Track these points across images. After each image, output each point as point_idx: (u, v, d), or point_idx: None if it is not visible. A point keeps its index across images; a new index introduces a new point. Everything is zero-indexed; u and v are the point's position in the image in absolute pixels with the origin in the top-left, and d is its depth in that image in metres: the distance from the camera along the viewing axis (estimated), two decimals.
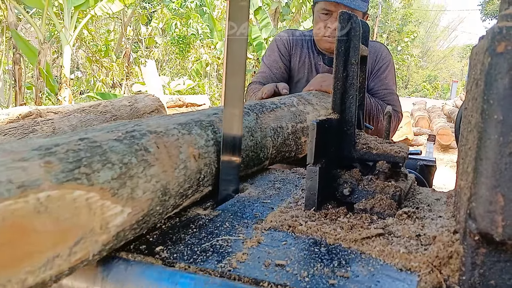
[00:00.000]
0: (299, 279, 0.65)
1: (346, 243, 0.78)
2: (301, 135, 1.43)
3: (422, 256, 0.72)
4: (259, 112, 1.28)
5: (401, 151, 0.98)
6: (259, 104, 1.34)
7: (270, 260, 0.70)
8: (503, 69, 0.59)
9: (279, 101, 1.45)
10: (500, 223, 0.61)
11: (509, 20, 0.60)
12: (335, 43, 0.98)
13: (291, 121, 1.39)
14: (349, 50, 0.98)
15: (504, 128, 0.60)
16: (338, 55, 0.98)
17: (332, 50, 2.07)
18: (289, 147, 1.36)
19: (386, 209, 0.90)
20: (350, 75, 0.98)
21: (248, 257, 0.71)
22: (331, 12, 2.09)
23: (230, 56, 0.98)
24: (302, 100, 1.58)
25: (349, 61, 0.98)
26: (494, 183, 0.61)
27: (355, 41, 0.97)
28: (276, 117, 1.33)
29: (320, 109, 1.64)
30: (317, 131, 0.89)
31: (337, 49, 0.98)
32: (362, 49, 1.06)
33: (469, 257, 0.65)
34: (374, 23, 30.70)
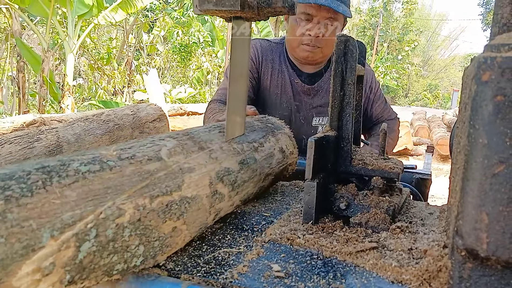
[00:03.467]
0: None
1: (341, 256, 0.82)
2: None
3: (413, 270, 0.75)
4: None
5: (395, 167, 1.02)
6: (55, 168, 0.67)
7: (269, 272, 0.74)
8: (487, 97, 0.64)
9: (118, 157, 0.73)
10: (484, 240, 0.65)
11: (493, 50, 0.65)
12: (333, 64, 1.03)
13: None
14: (346, 71, 1.02)
15: (489, 152, 0.64)
16: (335, 76, 1.02)
17: (310, 59, 1.92)
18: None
19: (380, 223, 0.94)
20: (346, 94, 1.03)
21: (249, 269, 0.75)
22: (311, 16, 1.83)
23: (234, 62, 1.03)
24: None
25: (346, 81, 1.02)
26: (479, 203, 0.65)
27: (351, 62, 1.02)
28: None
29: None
30: (314, 148, 0.93)
31: (335, 70, 1.02)
32: (358, 69, 1.10)
33: (457, 271, 0.69)
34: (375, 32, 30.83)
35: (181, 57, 14.72)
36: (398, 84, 30.93)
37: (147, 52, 15.80)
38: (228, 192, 0.93)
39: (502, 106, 0.62)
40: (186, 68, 15.25)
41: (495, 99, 0.63)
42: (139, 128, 3.86)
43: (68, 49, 8.21)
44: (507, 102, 0.62)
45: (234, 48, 1.01)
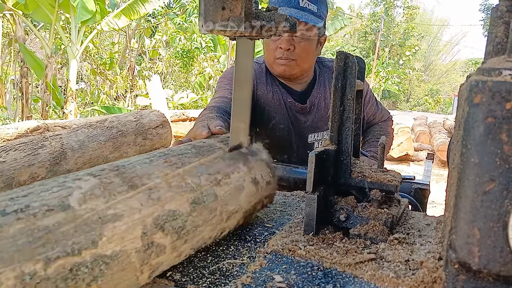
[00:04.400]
0: None
1: (341, 267, 0.85)
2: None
3: (409, 281, 0.79)
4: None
5: (393, 180, 1.05)
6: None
7: (272, 283, 0.78)
8: (479, 118, 0.67)
9: (2, 211, 0.58)
10: (476, 254, 0.69)
11: (485, 74, 0.69)
12: (333, 80, 1.07)
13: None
14: (346, 86, 1.06)
15: (480, 170, 0.67)
16: (335, 91, 1.06)
17: (287, 73, 1.90)
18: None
19: (379, 234, 0.98)
20: (346, 109, 1.07)
21: (252, 280, 0.78)
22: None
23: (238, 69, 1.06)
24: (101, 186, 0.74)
25: (346, 97, 1.06)
26: (471, 218, 0.69)
27: (351, 78, 1.05)
28: None
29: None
30: (315, 162, 0.97)
31: (335, 85, 1.06)
32: (357, 84, 1.14)
33: (450, 283, 0.73)
34: (376, 37, 30.91)
35: (183, 62, 14.80)
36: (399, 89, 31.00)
37: (149, 57, 15.87)
38: (172, 242, 0.74)
39: (493, 127, 0.66)
40: (188, 73, 15.33)
41: (486, 121, 0.66)
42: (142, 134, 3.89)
43: (71, 54, 8.27)
44: (497, 124, 0.66)
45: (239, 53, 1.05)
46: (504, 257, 0.67)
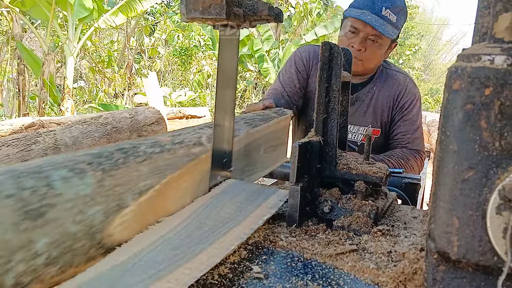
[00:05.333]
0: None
1: (321, 258, 0.84)
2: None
3: (390, 272, 0.78)
4: (117, 165, 0.74)
5: (379, 172, 1.04)
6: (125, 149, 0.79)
7: (249, 273, 0.77)
8: (458, 105, 0.66)
9: (172, 140, 0.91)
10: (455, 243, 0.67)
11: (464, 60, 0.67)
12: (318, 71, 1.05)
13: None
14: (331, 77, 1.04)
15: (458, 158, 0.66)
16: (320, 82, 1.05)
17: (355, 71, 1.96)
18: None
19: (362, 226, 0.96)
20: (332, 100, 1.05)
21: (229, 271, 0.77)
22: (358, 31, 2.00)
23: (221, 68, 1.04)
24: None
25: (331, 88, 1.05)
26: (450, 207, 0.67)
27: (336, 69, 1.04)
28: (155, 168, 0.82)
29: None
30: (299, 153, 0.95)
31: (320, 76, 1.05)
32: (344, 76, 1.13)
33: (430, 274, 0.72)
34: None
35: (181, 60, 14.77)
36: None
37: (148, 55, 15.86)
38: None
39: (472, 114, 0.65)
40: (186, 71, 15.30)
41: (465, 107, 0.65)
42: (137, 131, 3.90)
43: (68, 52, 8.26)
44: (476, 110, 0.64)
45: (222, 52, 1.03)
46: (483, 246, 0.65)
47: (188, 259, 0.69)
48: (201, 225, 0.83)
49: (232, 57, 1.04)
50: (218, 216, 0.88)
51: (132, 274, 0.62)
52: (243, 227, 0.84)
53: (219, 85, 1.04)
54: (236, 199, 0.98)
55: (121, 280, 0.60)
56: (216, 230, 0.81)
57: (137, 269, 0.63)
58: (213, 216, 0.87)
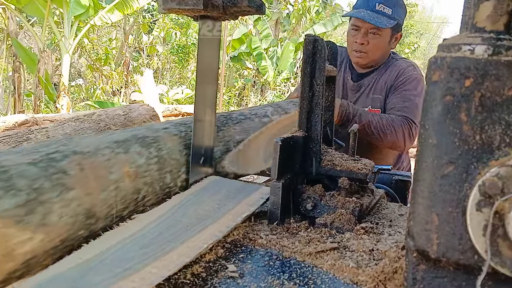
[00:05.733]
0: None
1: (301, 257, 0.81)
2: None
3: (370, 271, 0.75)
4: (222, 124, 1.20)
5: (363, 168, 1.02)
6: (225, 115, 1.28)
7: (224, 272, 0.74)
8: (437, 97, 0.63)
9: (249, 112, 1.39)
10: (435, 241, 0.65)
11: (444, 51, 0.65)
12: (302, 64, 1.03)
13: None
14: (315, 71, 1.02)
15: (438, 152, 0.63)
16: (304, 76, 1.02)
17: (360, 63, 2.33)
18: None
19: (345, 224, 0.94)
20: (315, 95, 1.03)
21: (203, 270, 0.75)
22: (359, 28, 2.23)
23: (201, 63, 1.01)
24: (278, 110, 1.48)
25: (315, 82, 1.02)
26: (429, 204, 0.65)
27: (320, 63, 1.01)
28: (243, 129, 1.27)
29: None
30: (280, 149, 0.93)
31: (303, 70, 1.02)
32: (330, 70, 1.10)
33: (411, 273, 0.69)
34: None
35: (179, 58, 14.71)
36: None
37: (146, 53, 15.80)
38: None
39: (451, 106, 0.62)
40: (184, 69, 15.24)
41: (444, 99, 0.62)
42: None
43: (64, 49, 8.21)
44: (456, 102, 0.62)
45: (202, 49, 1.00)
46: (463, 244, 0.63)
47: (157, 257, 0.66)
48: (176, 222, 0.80)
49: (212, 51, 1.01)
50: (195, 214, 0.85)
51: (96, 272, 0.59)
52: (219, 225, 0.81)
53: (199, 80, 1.01)
54: (216, 196, 0.95)
55: (84, 279, 0.57)
56: (191, 228, 0.79)
57: (102, 268, 0.61)
58: (189, 214, 0.85)
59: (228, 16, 0.96)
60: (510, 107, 0.60)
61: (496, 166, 0.59)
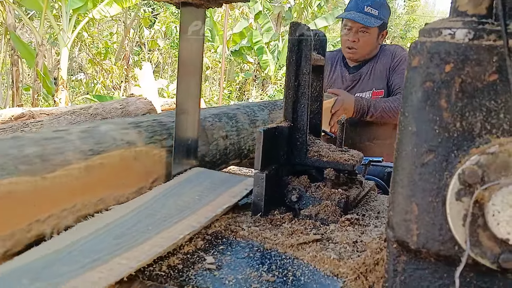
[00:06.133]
0: (224, 283, 0.67)
1: (282, 248, 0.80)
2: None
3: (351, 263, 0.73)
4: (271, 109, 1.61)
5: (350, 159, 1.00)
6: (272, 103, 1.70)
7: (201, 264, 0.72)
8: (417, 83, 0.61)
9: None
10: (415, 232, 0.63)
11: (425, 35, 0.62)
12: (287, 53, 1.01)
13: None
14: (300, 60, 1.00)
15: (418, 140, 0.61)
16: (289, 65, 1.00)
17: (352, 59, 2.64)
18: None
19: (330, 215, 0.92)
20: (301, 84, 1.00)
21: (180, 261, 0.73)
22: (350, 27, 2.53)
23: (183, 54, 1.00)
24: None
25: (301, 71, 1.00)
26: (409, 193, 0.63)
27: (306, 51, 0.99)
28: None
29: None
30: (264, 139, 0.91)
31: (288, 59, 1.00)
32: (317, 59, 1.08)
33: (391, 264, 0.67)
34: None
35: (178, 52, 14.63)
36: None
37: (148, 48, 15.75)
38: None
39: (431, 92, 0.60)
40: None
41: (424, 85, 0.60)
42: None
43: (62, 43, 8.18)
44: (436, 89, 0.59)
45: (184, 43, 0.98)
46: (443, 235, 0.61)
47: (129, 248, 0.64)
48: (154, 213, 0.79)
49: (195, 43, 0.99)
50: (174, 205, 0.83)
51: (63, 263, 0.57)
52: (198, 216, 0.80)
53: (182, 72, 0.99)
54: (198, 188, 0.93)
55: (49, 269, 0.56)
56: (169, 218, 0.77)
57: (70, 259, 0.59)
58: (169, 205, 0.83)
59: (211, 3, 0.94)
60: (491, 93, 0.58)
61: (477, 154, 0.57)
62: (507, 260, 0.56)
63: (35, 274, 0.54)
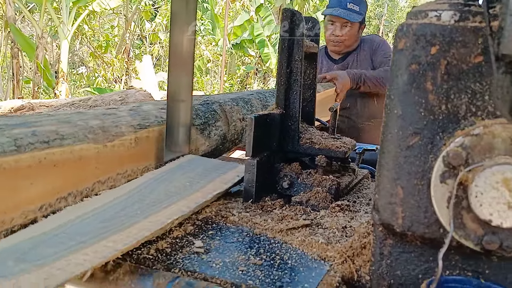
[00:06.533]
0: (211, 266, 0.67)
1: (271, 233, 0.80)
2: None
3: (338, 246, 0.74)
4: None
5: (342, 146, 1.00)
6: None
7: (189, 248, 0.73)
8: (402, 65, 0.61)
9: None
10: (400, 215, 0.63)
11: (412, 18, 0.62)
12: (279, 40, 1.00)
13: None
14: (293, 46, 0.99)
15: (403, 123, 0.61)
16: (281, 52, 1.00)
17: (336, 51, 2.88)
18: None
19: (321, 201, 0.92)
20: (294, 71, 1.00)
21: (169, 245, 0.73)
22: (334, 22, 2.77)
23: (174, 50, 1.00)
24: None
25: (293, 58, 1.00)
26: (394, 176, 0.63)
27: (298, 38, 0.99)
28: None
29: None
30: (255, 125, 0.91)
31: (281, 46, 0.99)
32: (310, 46, 1.08)
33: (378, 248, 0.67)
34: (380, 22, 30.56)
35: None
36: None
37: (149, 41, 15.71)
38: None
39: (417, 75, 0.60)
40: None
41: (409, 68, 0.60)
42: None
43: (62, 35, 8.17)
44: (422, 71, 0.59)
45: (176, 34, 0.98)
46: (428, 217, 0.61)
47: (116, 232, 0.64)
48: (143, 198, 0.79)
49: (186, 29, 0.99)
50: (164, 190, 0.84)
51: (48, 245, 0.58)
52: (187, 201, 0.80)
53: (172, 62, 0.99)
54: (189, 174, 0.93)
55: (34, 251, 0.56)
56: (158, 204, 0.77)
57: (56, 241, 0.60)
58: (159, 190, 0.83)
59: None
60: (476, 75, 0.57)
61: (461, 136, 0.57)
62: (490, 242, 0.56)
63: (21, 255, 0.54)
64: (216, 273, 0.65)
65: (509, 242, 0.56)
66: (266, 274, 0.66)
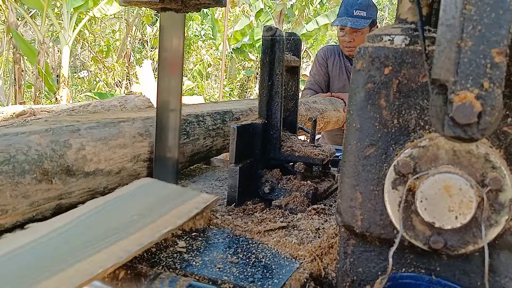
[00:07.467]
0: (191, 264, 0.74)
1: (250, 235, 0.87)
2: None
3: (309, 246, 0.81)
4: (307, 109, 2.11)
5: (320, 154, 1.07)
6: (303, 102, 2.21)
7: (173, 248, 0.80)
8: (360, 84, 0.68)
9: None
10: (359, 217, 0.70)
11: (369, 41, 0.70)
12: (261, 55, 1.08)
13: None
14: (274, 61, 1.07)
15: (361, 135, 0.69)
16: (263, 66, 1.07)
17: (351, 55, 3.05)
18: None
19: (298, 205, 0.99)
20: (275, 84, 1.08)
21: (154, 245, 0.80)
22: (344, 30, 2.95)
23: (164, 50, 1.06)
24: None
25: (274, 72, 1.07)
26: (354, 182, 0.70)
27: (279, 53, 1.06)
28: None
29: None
30: (237, 135, 0.98)
31: (262, 60, 1.07)
32: (291, 60, 1.15)
33: (342, 247, 0.75)
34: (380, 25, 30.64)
35: None
36: None
37: (150, 45, 15.81)
38: None
39: (372, 93, 0.67)
40: (186, 60, 15.27)
41: (366, 86, 0.67)
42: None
43: (63, 41, 8.29)
44: (376, 89, 0.67)
45: (164, 40, 1.05)
46: (383, 220, 0.68)
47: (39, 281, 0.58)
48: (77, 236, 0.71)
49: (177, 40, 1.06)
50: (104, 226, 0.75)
51: None
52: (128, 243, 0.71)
53: (162, 66, 1.06)
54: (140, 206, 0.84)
55: None
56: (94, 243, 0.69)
57: None
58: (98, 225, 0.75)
59: (189, 8, 1.01)
60: (424, 93, 0.65)
61: (410, 147, 0.64)
62: (436, 242, 0.63)
63: None
64: (195, 270, 0.72)
65: (452, 242, 0.64)
66: (240, 270, 0.73)
